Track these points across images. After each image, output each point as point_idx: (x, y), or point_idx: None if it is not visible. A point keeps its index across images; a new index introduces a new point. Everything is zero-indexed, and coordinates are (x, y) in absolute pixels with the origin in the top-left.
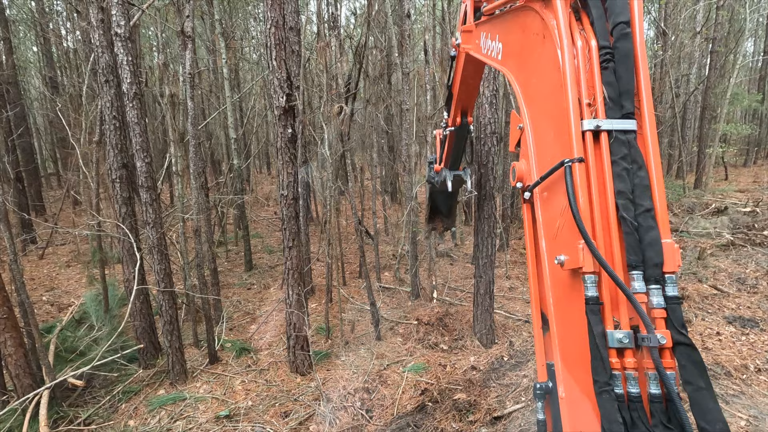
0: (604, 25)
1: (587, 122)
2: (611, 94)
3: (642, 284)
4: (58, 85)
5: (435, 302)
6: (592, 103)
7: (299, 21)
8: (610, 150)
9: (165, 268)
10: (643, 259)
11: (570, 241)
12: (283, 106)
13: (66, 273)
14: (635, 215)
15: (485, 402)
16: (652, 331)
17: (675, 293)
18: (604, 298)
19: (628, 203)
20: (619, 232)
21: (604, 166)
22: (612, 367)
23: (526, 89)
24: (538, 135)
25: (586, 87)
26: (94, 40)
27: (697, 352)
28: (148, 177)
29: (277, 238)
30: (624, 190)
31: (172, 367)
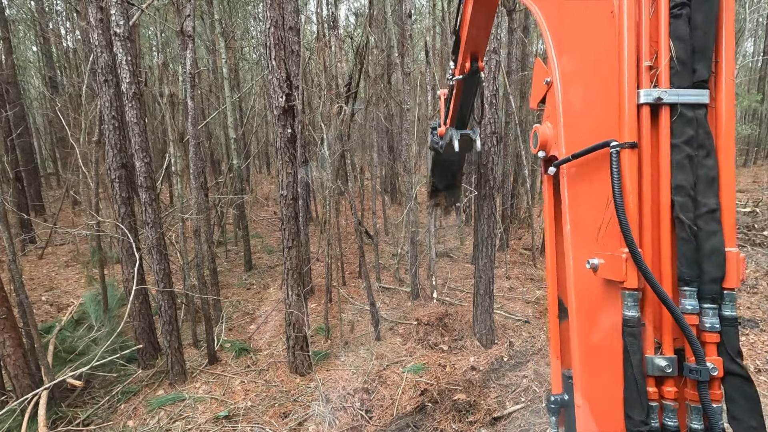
0: None
1: (645, 93)
2: (681, 53)
3: (695, 303)
4: (58, 84)
5: (435, 302)
6: (654, 65)
7: (299, 21)
8: (671, 130)
9: (164, 268)
10: (701, 272)
11: (608, 243)
12: (282, 106)
13: (65, 273)
14: (695, 217)
15: (485, 402)
16: (703, 362)
17: (733, 313)
18: (646, 318)
19: (687, 201)
20: (671, 237)
21: (661, 151)
22: (648, 397)
23: (560, 35)
24: (572, 95)
25: (647, 41)
26: (93, 39)
27: (752, 385)
28: (148, 177)
29: (276, 238)
30: (684, 183)
31: (171, 368)
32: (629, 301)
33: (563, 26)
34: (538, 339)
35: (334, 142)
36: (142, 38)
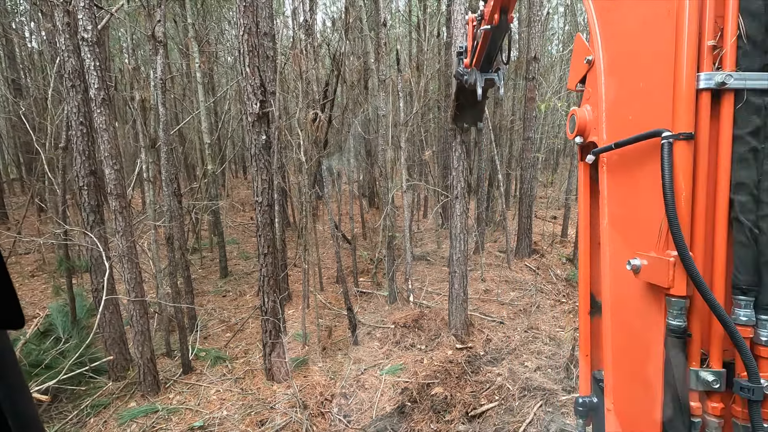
0: None
1: (706, 76)
2: (752, 30)
3: (750, 313)
4: (22, 87)
5: (411, 305)
6: (718, 45)
7: (274, 26)
8: (734, 120)
9: (136, 277)
10: (760, 280)
11: (649, 237)
12: (256, 112)
13: (30, 283)
14: (757, 218)
15: (461, 395)
16: (758, 380)
17: None
18: (693, 328)
19: (750, 201)
20: (727, 239)
21: (722, 143)
22: (692, 413)
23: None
24: (617, 77)
25: (712, 18)
26: (60, 44)
27: None
28: (118, 184)
29: (253, 244)
30: (747, 181)
31: (143, 379)
32: (675, 309)
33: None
34: (513, 339)
35: (311, 147)
36: (113, 40)
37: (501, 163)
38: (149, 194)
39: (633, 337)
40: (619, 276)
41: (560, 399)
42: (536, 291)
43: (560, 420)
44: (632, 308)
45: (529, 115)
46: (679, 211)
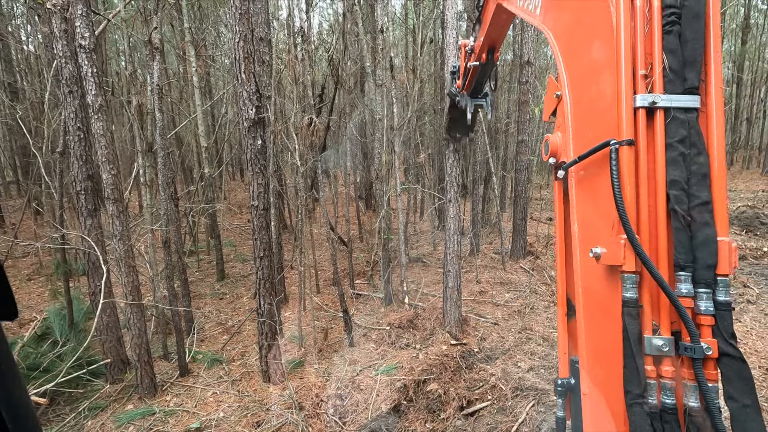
0: None
1: (641, 97)
2: (673, 63)
3: (690, 287)
4: (18, 90)
5: (407, 307)
6: (648, 74)
7: (270, 32)
8: (665, 131)
9: (133, 281)
10: (694, 259)
11: (608, 230)
12: (252, 118)
13: (27, 287)
14: (689, 208)
15: (456, 391)
16: (697, 341)
17: (727, 298)
18: (644, 301)
19: (681, 194)
20: (667, 227)
21: (657, 149)
22: (647, 375)
23: (568, 51)
24: (579, 106)
25: (642, 54)
26: (57, 50)
27: (746, 366)
28: (115, 189)
29: (250, 246)
30: (678, 178)
31: (140, 381)
32: (628, 283)
33: (571, 44)
34: (507, 340)
35: (306, 152)
36: (109, 42)
37: (496, 165)
38: (146, 198)
39: (601, 319)
40: (587, 268)
41: (552, 399)
42: (531, 292)
43: (552, 420)
44: (599, 294)
45: (522, 118)
46: (627, 204)
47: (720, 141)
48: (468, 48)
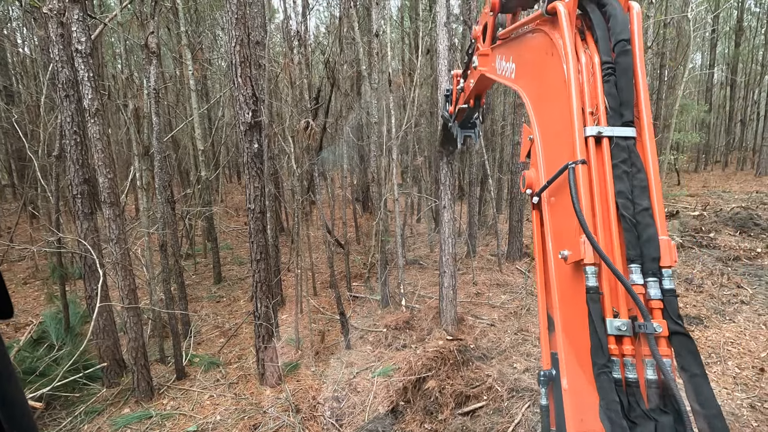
0: (607, 43)
1: (590, 129)
2: (612, 104)
3: (640, 277)
4: (14, 94)
5: (404, 309)
6: (594, 112)
7: (266, 36)
8: (611, 154)
9: (129, 284)
10: (641, 253)
11: (573, 237)
12: (248, 121)
13: (23, 291)
14: (634, 213)
15: (453, 387)
16: (648, 319)
17: (671, 286)
18: (603, 289)
19: (627, 202)
20: (619, 229)
21: (606, 168)
22: (611, 353)
23: (536, 103)
24: (547, 144)
25: (589, 97)
26: (54, 54)
27: (692, 342)
28: (111, 192)
29: (246, 249)
30: (624, 190)
31: (137, 385)
32: (589, 274)
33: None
34: (503, 341)
35: (302, 155)
36: (106, 45)
37: (492, 167)
38: (143, 201)
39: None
40: (560, 274)
41: None
42: (527, 294)
43: None
44: (571, 295)
45: (518, 120)
46: (584, 210)
47: (654, 161)
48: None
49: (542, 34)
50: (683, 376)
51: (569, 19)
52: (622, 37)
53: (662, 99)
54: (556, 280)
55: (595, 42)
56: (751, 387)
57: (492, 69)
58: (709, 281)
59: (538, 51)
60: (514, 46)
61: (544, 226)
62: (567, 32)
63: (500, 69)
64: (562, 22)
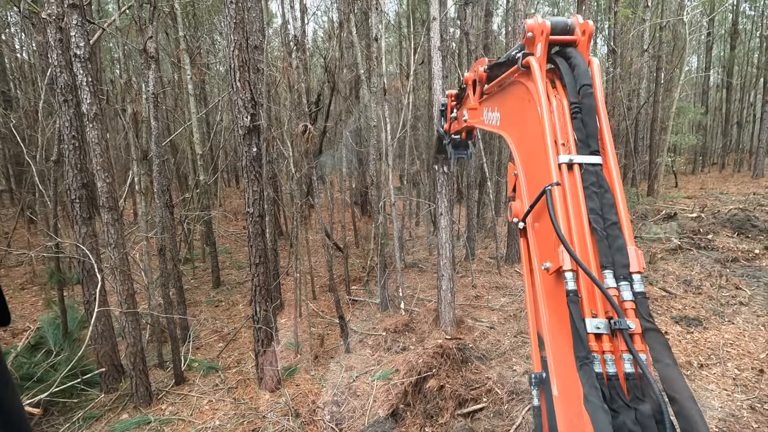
0: (573, 88)
1: (562, 157)
2: (580, 137)
3: (613, 281)
4: (11, 98)
5: (403, 312)
6: (565, 144)
7: (264, 40)
8: (581, 178)
9: (128, 289)
10: (613, 261)
11: (554, 250)
12: (247, 125)
13: (21, 296)
14: (604, 227)
15: (452, 389)
16: (622, 316)
17: (641, 289)
18: (582, 293)
19: (598, 218)
20: (592, 241)
21: (578, 190)
22: (591, 350)
23: (518, 142)
24: (528, 176)
25: (560, 132)
26: (52, 59)
27: (662, 336)
28: (110, 197)
29: (245, 254)
30: (594, 207)
31: (135, 390)
32: (568, 278)
33: (520, 137)
34: (502, 343)
35: (301, 159)
36: (104, 50)
37: (491, 170)
38: (141, 206)
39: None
40: (546, 286)
41: None
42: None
43: None
44: (557, 307)
45: None
46: (562, 226)
47: (619, 183)
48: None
49: (520, 85)
50: (657, 367)
51: (541, 71)
52: (586, 82)
53: (659, 102)
54: (542, 292)
55: (564, 87)
56: (751, 388)
57: (480, 121)
58: (708, 282)
59: (518, 99)
60: (498, 98)
61: (531, 247)
62: (539, 80)
63: (487, 119)
64: (534, 73)
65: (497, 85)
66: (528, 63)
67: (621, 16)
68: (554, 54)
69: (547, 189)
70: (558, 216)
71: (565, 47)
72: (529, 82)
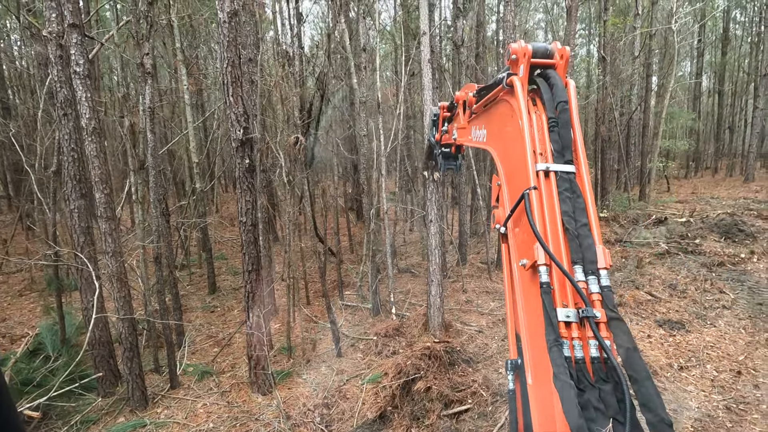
0: (551, 104)
1: (540, 165)
2: (556, 148)
3: (582, 275)
4: (10, 107)
5: (394, 317)
6: (543, 154)
7: (258, 52)
8: (557, 184)
9: (125, 296)
10: (583, 258)
11: (531, 248)
12: (240, 138)
13: (19, 302)
14: (576, 228)
15: (440, 386)
16: (589, 306)
17: (607, 283)
18: (554, 285)
19: (570, 219)
20: (565, 240)
21: (553, 195)
22: (561, 335)
23: (502, 155)
24: (510, 184)
25: (539, 143)
26: (53, 75)
27: (625, 324)
28: (108, 207)
29: (241, 259)
30: (567, 210)
31: (132, 395)
32: (542, 272)
33: (503, 149)
34: (490, 347)
35: (293, 168)
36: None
37: (482, 176)
38: (138, 214)
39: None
40: (523, 282)
41: None
42: None
43: None
44: (530, 298)
45: None
46: (538, 226)
47: (590, 189)
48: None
49: (505, 102)
50: (620, 351)
51: (523, 88)
52: (562, 99)
53: (650, 108)
54: (519, 288)
55: (543, 105)
56: (728, 389)
57: (469, 139)
58: (693, 287)
59: (503, 115)
60: (485, 116)
61: (510, 249)
62: (521, 96)
63: (475, 137)
64: (517, 90)
65: (484, 104)
66: (512, 81)
67: (611, 24)
68: (536, 76)
69: (525, 193)
70: (535, 217)
71: (546, 69)
72: (512, 99)
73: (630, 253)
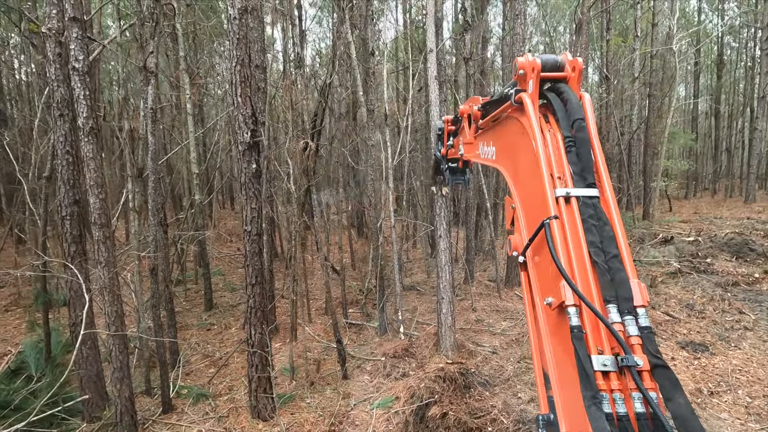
0: (566, 122)
1: (559, 190)
2: (576, 170)
3: (617, 315)
4: (7, 118)
5: (402, 336)
6: (561, 177)
7: (265, 59)
8: (580, 211)
9: (117, 310)
10: (616, 295)
11: (556, 285)
12: (247, 141)
13: (3, 318)
14: (605, 260)
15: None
16: (629, 352)
17: (647, 324)
18: (586, 328)
19: (598, 251)
20: (594, 275)
21: (577, 223)
22: (599, 388)
23: (515, 176)
24: (526, 209)
25: (556, 165)
26: (50, 73)
27: (672, 372)
28: (102, 214)
29: (239, 276)
30: (594, 240)
31: (120, 419)
32: (571, 314)
33: (516, 170)
34: (506, 369)
35: (300, 177)
36: (103, 72)
37: (489, 192)
38: (134, 225)
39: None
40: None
41: None
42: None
43: None
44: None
45: None
46: (561, 259)
47: (617, 214)
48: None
49: (514, 120)
50: (669, 406)
51: (534, 106)
52: (578, 116)
53: (651, 127)
54: (546, 328)
55: (557, 122)
56: (765, 417)
57: (476, 155)
58: (711, 307)
59: (513, 133)
60: (493, 133)
61: (532, 284)
62: (533, 116)
63: (483, 153)
64: (528, 109)
65: (491, 120)
66: (521, 99)
67: (613, 44)
68: (546, 90)
69: (545, 222)
70: (558, 250)
71: (557, 83)
72: (522, 117)
73: (640, 272)
